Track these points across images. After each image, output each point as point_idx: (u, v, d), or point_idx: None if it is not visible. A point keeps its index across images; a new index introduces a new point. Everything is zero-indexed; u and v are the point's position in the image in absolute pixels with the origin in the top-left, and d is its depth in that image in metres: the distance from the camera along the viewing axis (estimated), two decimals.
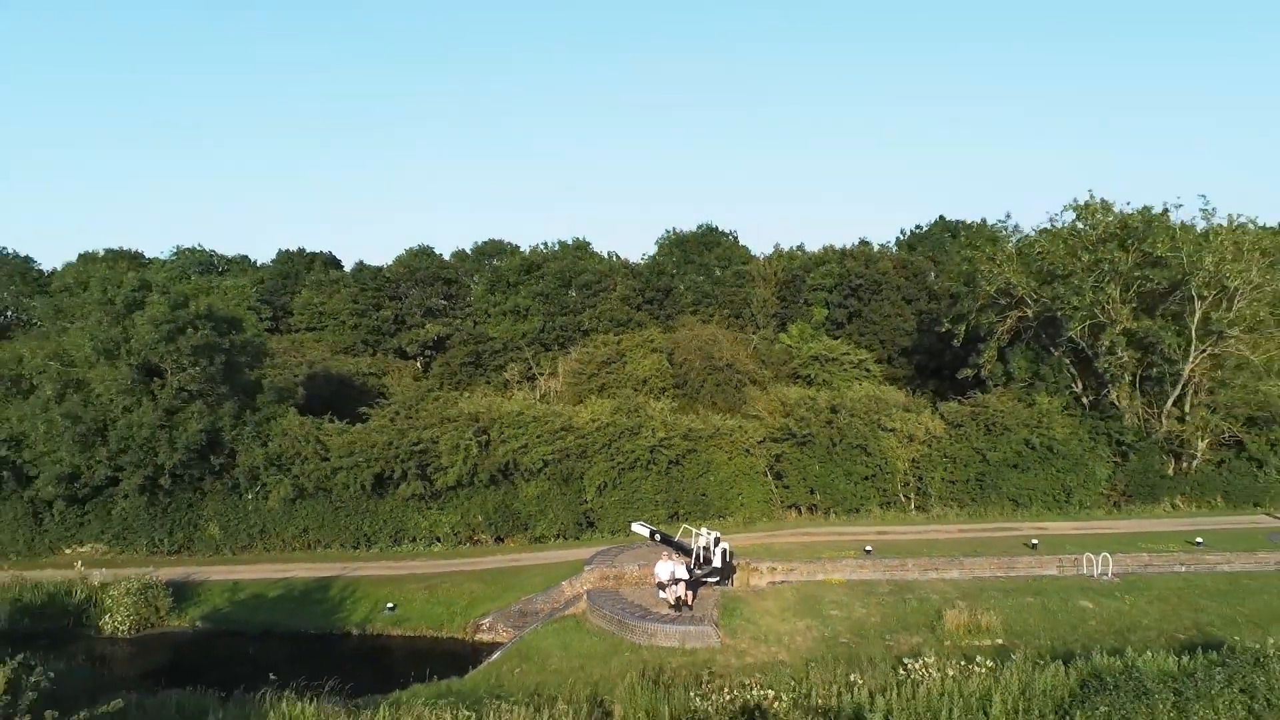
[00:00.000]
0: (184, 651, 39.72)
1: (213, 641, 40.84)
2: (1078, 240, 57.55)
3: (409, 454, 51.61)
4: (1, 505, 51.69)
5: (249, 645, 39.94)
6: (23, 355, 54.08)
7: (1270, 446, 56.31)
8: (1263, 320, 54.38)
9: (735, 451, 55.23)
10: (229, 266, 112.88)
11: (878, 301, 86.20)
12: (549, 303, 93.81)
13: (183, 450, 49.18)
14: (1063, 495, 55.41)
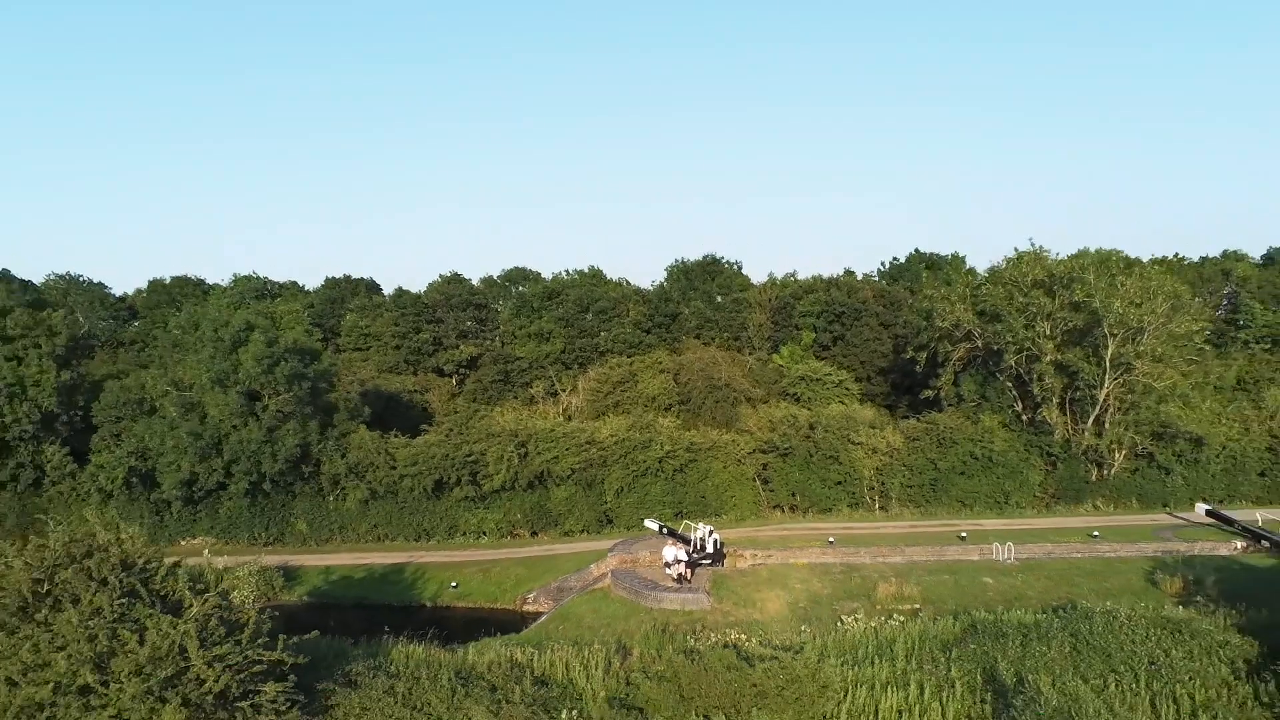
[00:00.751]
0: (299, 619, 50.32)
1: (318, 612, 51.50)
2: (1014, 286, 67.95)
3: (462, 463, 62.41)
4: (130, 504, 62.60)
5: (348, 614, 50.63)
6: (145, 382, 65.04)
7: (1176, 457, 66.57)
8: (1166, 353, 64.60)
9: (729, 461, 65.83)
10: (281, 291, 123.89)
11: (858, 327, 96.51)
12: (569, 326, 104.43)
13: (282, 461, 60.07)
14: (1001, 497, 65.76)
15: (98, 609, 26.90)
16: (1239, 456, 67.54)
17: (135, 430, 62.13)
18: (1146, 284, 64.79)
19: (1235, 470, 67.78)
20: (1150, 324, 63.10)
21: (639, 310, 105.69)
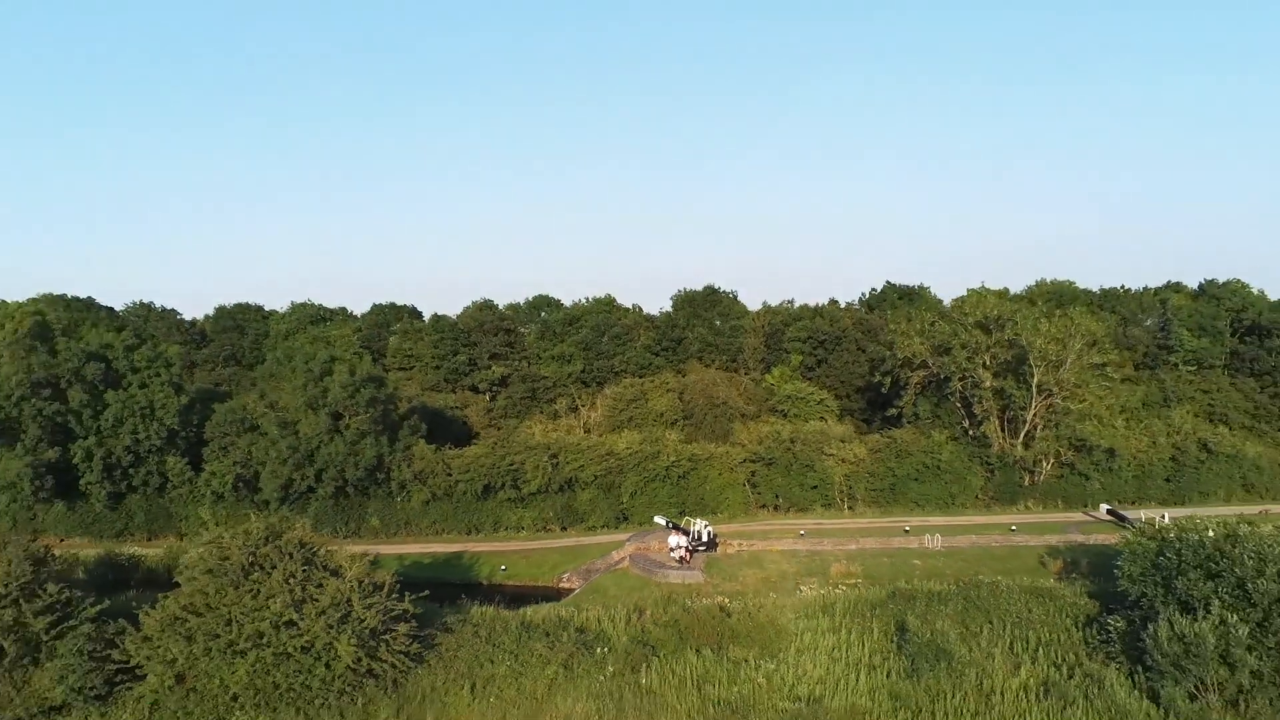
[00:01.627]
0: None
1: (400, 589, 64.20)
2: (959, 324, 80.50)
3: (505, 471, 75.28)
4: (236, 505, 75.55)
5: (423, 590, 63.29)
6: (247, 404, 78.12)
7: (1093, 466, 78.91)
8: (1083, 380, 77.02)
9: (723, 469, 78.50)
10: (332, 316, 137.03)
11: (839, 351, 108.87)
12: (588, 349, 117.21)
13: (361, 469, 73.03)
14: (948, 499, 78.21)
15: (291, 573, 39.86)
16: (1147, 465, 79.94)
17: (241, 444, 75.21)
18: (1067, 324, 77.26)
19: (1144, 476, 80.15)
20: (1068, 357, 75.55)
21: (649, 335, 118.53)
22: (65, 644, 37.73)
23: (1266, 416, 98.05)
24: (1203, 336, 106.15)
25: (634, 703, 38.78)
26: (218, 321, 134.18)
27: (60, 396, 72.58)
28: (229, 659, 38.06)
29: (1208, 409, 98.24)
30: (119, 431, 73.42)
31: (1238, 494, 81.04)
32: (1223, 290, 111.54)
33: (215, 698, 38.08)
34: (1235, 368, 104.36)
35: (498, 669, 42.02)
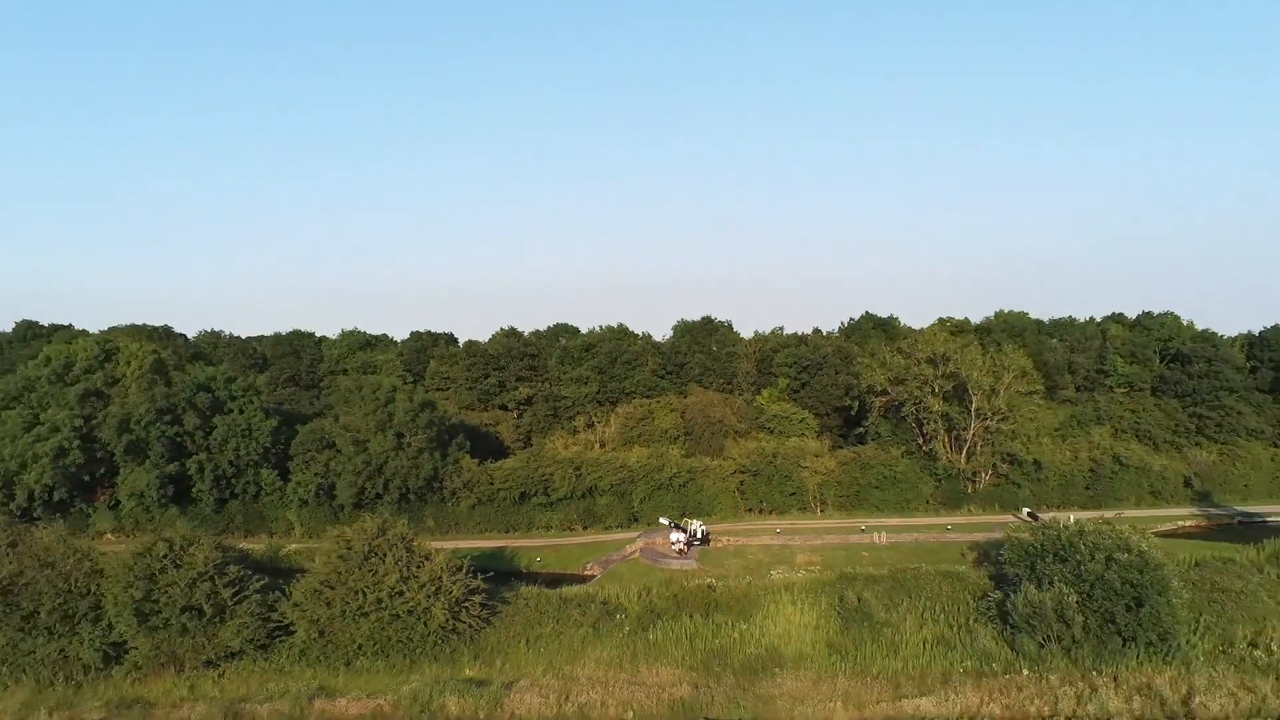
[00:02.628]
0: None
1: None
2: (911, 359, 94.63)
3: (537, 481, 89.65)
4: (317, 509, 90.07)
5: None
6: (325, 425, 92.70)
7: (1024, 476, 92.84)
8: (1014, 406, 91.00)
9: (717, 479, 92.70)
10: (376, 342, 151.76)
11: (821, 375, 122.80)
12: (602, 373, 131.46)
13: (421, 480, 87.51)
14: (903, 504, 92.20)
15: (397, 557, 54.31)
16: (1069, 475, 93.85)
17: (320, 458, 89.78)
18: (1001, 359, 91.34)
19: (1067, 485, 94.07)
20: (1001, 388, 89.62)
21: (655, 360, 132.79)
22: (242, 608, 52.20)
23: (1185, 433, 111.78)
24: (1134, 363, 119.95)
25: (643, 652, 53.05)
26: (276, 346, 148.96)
27: (177, 420, 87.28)
28: (355, 619, 52.50)
29: (1134, 426, 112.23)
30: (224, 448, 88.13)
31: (1146, 499, 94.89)
32: (1154, 322, 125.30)
33: (345, 647, 52.51)
34: (1161, 390, 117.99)
35: (544, 629, 56.36)
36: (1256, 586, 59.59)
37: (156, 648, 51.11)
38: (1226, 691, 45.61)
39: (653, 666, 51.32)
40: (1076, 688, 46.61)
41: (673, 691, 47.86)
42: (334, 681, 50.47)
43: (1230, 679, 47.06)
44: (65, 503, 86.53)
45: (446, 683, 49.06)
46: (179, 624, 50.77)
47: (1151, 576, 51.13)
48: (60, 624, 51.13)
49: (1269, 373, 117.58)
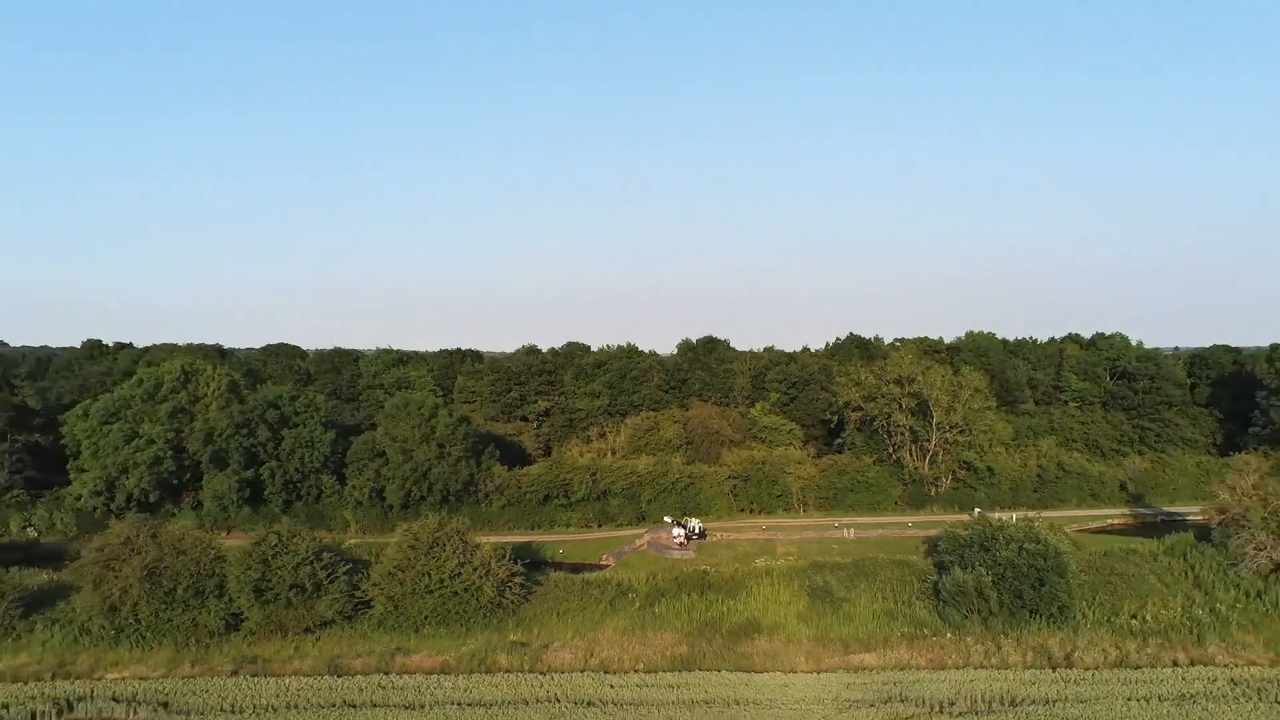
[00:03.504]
0: None
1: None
2: (880, 379, 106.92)
3: (559, 485, 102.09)
4: (370, 509, 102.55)
5: None
6: (376, 437, 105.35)
7: (979, 481, 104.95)
8: (970, 420, 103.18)
9: (713, 483, 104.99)
10: (409, 359, 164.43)
11: (808, 391, 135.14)
12: (613, 388, 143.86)
13: (459, 484, 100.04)
14: (874, 505, 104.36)
15: (455, 547, 66.87)
16: (1019, 480, 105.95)
17: (373, 466, 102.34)
18: (958, 380, 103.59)
19: (1017, 488, 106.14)
20: (958, 405, 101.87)
21: (660, 377, 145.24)
22: (334, 586, 64.71)
23: (1129, 442, 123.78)
24: (1087, 380, 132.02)
25: (650, 621, 65.40)
26: (319, 363, 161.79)
27: (252, 433, 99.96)
28: (422, 595, 64.98)
29: (1084, 436, 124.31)
30: (291, 457, 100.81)
31: (1086, 501, 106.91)
32: (1105, 343, 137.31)
33: (415, 617, 64.96)
34: (1110, 404, 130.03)
35: (571, 605, 68.79)
36: (1148, 572, 71.78)
37: (268, 617, 63.67)
38: (1100, 649, 57.93)
39: (658, 633, 63.71)
40: (986, 646, 58.95)
41: (673, 650, 60.28)
42: (407, 644, 62.96)
43: (1106, 640, 59.38)
44: (156, 503, 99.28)
45: (496, 644, 61.59)
46: (286, 598, 63.33)
47: (1053, 563, 63.44)
48: (193, 598, 63.76)
49: (1206, 388, 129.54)
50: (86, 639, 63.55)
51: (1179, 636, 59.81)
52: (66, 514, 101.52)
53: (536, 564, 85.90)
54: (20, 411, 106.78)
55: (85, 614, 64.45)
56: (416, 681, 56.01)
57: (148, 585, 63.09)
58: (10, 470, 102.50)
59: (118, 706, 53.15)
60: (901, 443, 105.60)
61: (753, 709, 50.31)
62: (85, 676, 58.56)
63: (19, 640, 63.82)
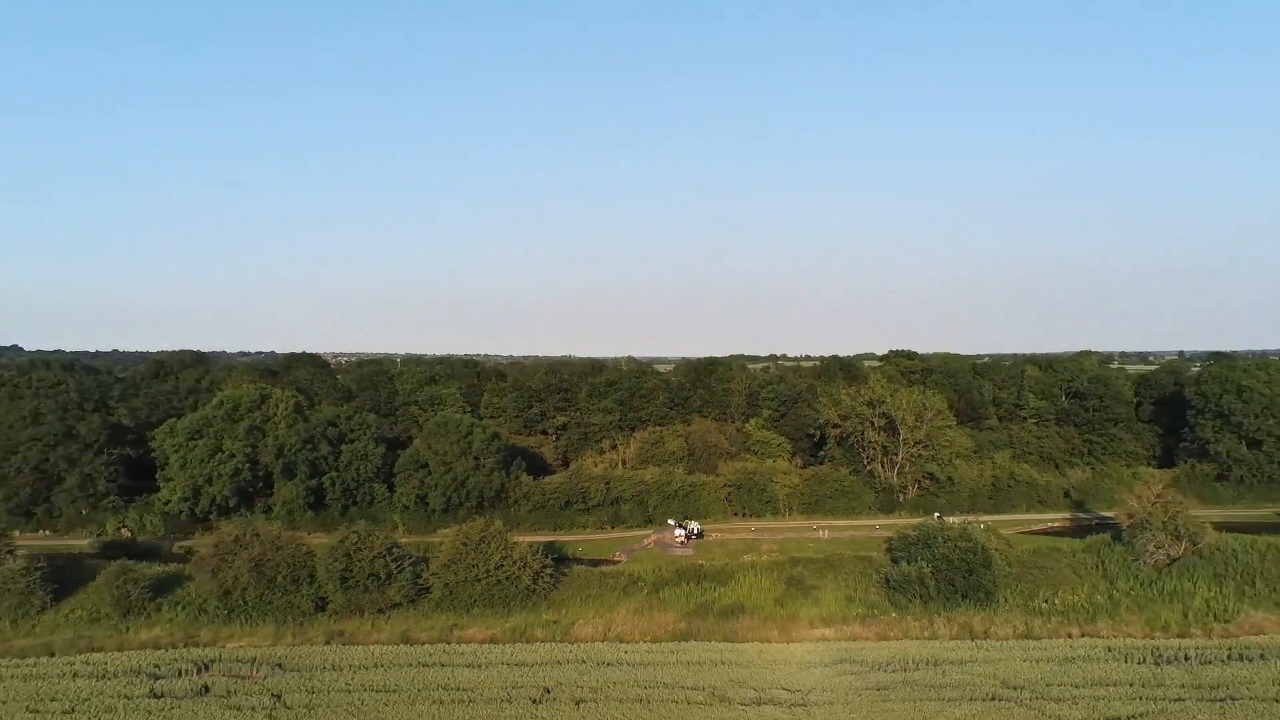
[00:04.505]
0: None
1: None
2: (854, 401, 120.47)
3: (578, 492, 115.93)
4: (416, 513, 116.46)
5: None
6: (420, 451, 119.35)
7: (941, 489, 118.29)
8: (933, 436, 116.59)
9: (711, 491, 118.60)
10: (440, 376, 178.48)
11: (796, 408, 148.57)
12: (623, 405, 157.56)
13: (493, 492, 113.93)
14: (850, 510, 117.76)
15: (498, 544, 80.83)
16: (976, 488, 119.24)
17: (417, 476, 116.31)
18: (923, 400, 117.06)
19: (974, 496, 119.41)
20: (922, 424, 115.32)
21: (664, 395, 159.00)
22: (402, 575, 78.52)
23: (1079, 454, 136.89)
24: (1043, 398, 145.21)
25: (656, 605, 78.92)
26: (359, 381, 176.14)
27: (315, 448, 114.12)
28: (472, 583, 78.73)
29: (1039, 449, 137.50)
30: (348, 468, 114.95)
31: (1034, 507, 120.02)
32: (1061, 364, 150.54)
33: (466, 600, 78.66)
34: (1063, 420, 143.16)
35: (591, 591, 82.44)
36: (1065, 565, 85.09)
37: (349, 600, 77.53)
38: (1012, 625, 71.41)
39: (662, 613, 77.25)
40: (922, 623, 72.44)
41: (674, 626, 73.89)
42: (461, 621, 76.66)
43: (1018, 619, 72.82)
44: (234, 508, 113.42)
45: (533, 621, 75.35)
46: (364, 585, 77.20)
47: (980, 558, 76.92)
48: (289, 584, 77.74)
49: (1149, 406, 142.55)
50: (204, 617, 77.53)
51: (1076, 616, 73.21)
52: (155, 517, 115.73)
53: (561, 559, 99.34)
54: (116, 429, 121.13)
55: (202, 597, 78.51)
56: (472, 649, 69.79)
57: (254, 574, 77.09)
58: (108, 479, 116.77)
59: (242, 666, 66.99)
60: (874, 456, 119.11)
61: (735, 668, 63.87)
62: (210, 645, 72.50)
63: (150, 618, 77.84)
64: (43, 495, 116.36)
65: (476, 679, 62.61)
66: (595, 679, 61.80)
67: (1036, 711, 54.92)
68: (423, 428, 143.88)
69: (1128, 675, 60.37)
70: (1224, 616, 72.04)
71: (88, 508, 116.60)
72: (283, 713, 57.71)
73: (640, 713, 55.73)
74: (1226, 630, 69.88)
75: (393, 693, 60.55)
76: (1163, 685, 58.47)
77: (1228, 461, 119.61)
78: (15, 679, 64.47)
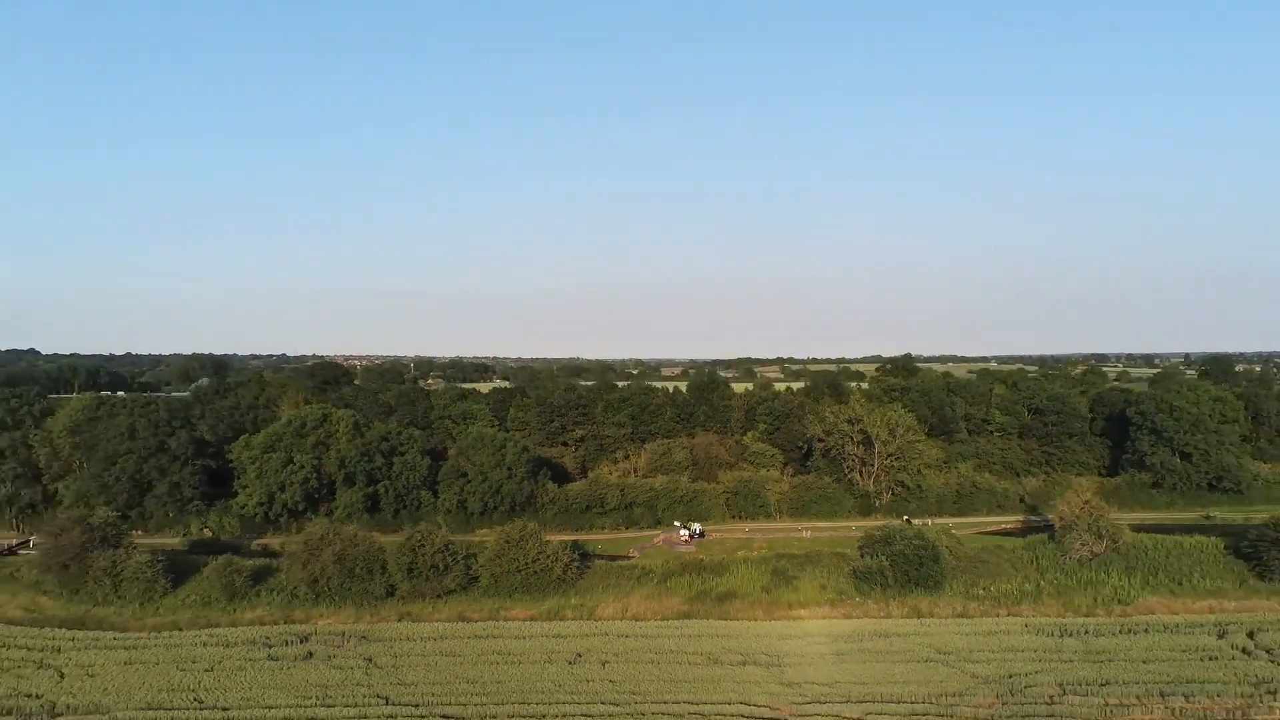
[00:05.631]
0: None
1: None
2: (835, 419, 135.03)
3: (596, 497, 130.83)
4: (457, 516, 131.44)
5: None
6: (460, 462, 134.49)
7: (911, 495, 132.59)
8: (904, 449, 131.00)
9: (711, 497, 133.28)
10: (469, 395, 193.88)
11: (789, 423, 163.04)
12: (635, 419, 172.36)
13: (523, 498, 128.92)
14: (832, 513, 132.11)
15: (534, 541, 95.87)
16: (942, 494, 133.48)
17: (457, 484, 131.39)
18: (895, 419, 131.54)
19: (941, 501, 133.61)
20: (894, 439, 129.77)
21: (672, 411, 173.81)
22: (456, 566, 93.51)
23: (1037, 464, 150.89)
24: (1008, 414, 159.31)
25: (664, 591, 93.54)
26: (399, 398, 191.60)
27: (371, 460, 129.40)
28: (513, 573, 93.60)
29: (1003, 460, 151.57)
30: (399, 478, 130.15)
31: (994, 510, 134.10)
32: (1025, 384, 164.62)
33: (509, 587, 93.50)
34: (1025, 434, 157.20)
35: (610, 581, 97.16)
36: (1005, 560, 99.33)
37: (414, 587, 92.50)
38: (952, 607, 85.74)
39: (669, 598, 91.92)
40: (880, 605, 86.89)
41: (678, 608, 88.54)
42: (505, 604, 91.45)
43: (958, 603, 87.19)
44: (301, 512, 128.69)
45: (564, 604, 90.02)
46: (425, 574, 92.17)
47: (930, 553, 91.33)
48: (365, 574, 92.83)
49: (1101, 422, 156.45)
50: (296, 601, 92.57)
51: (1006, 600, 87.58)
52: (233, 519, 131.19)
53: (585, 555, 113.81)
54: (199, 443, 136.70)
55: (293, 584, 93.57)
56: (516, 625, 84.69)
57: (337, 565, 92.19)
58: (192, 486, 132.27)
59: (334, 638, 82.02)
60: (853, 466, 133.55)
61: (726, 639, 78.52)
62: (304, 622, 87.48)
63: (251, 602, 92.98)
64: (137, 500, 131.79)
65: (523, 646, 77.63)
66: (616, 646, 76.69)
67: (958, 670, 69.48)
68: (455, 439, 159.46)
69: (1034, 644, 74.84)
70: (1126, 600, 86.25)
71: (175, 511, 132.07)
72: (375, 670, 72.76)
73: (651, 670, 70.55)
74: (1125, 611, 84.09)
75: (457, 657, 75.57)
76: (1060, 652, 72.96)
77: (1161, 471, 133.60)
78: (158, 647, 79.76)
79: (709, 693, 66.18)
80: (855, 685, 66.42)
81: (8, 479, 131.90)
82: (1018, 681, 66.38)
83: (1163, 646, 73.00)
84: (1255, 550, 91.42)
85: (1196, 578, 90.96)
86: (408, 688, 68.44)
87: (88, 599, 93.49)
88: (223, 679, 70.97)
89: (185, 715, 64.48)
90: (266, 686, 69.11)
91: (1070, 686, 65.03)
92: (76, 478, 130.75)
